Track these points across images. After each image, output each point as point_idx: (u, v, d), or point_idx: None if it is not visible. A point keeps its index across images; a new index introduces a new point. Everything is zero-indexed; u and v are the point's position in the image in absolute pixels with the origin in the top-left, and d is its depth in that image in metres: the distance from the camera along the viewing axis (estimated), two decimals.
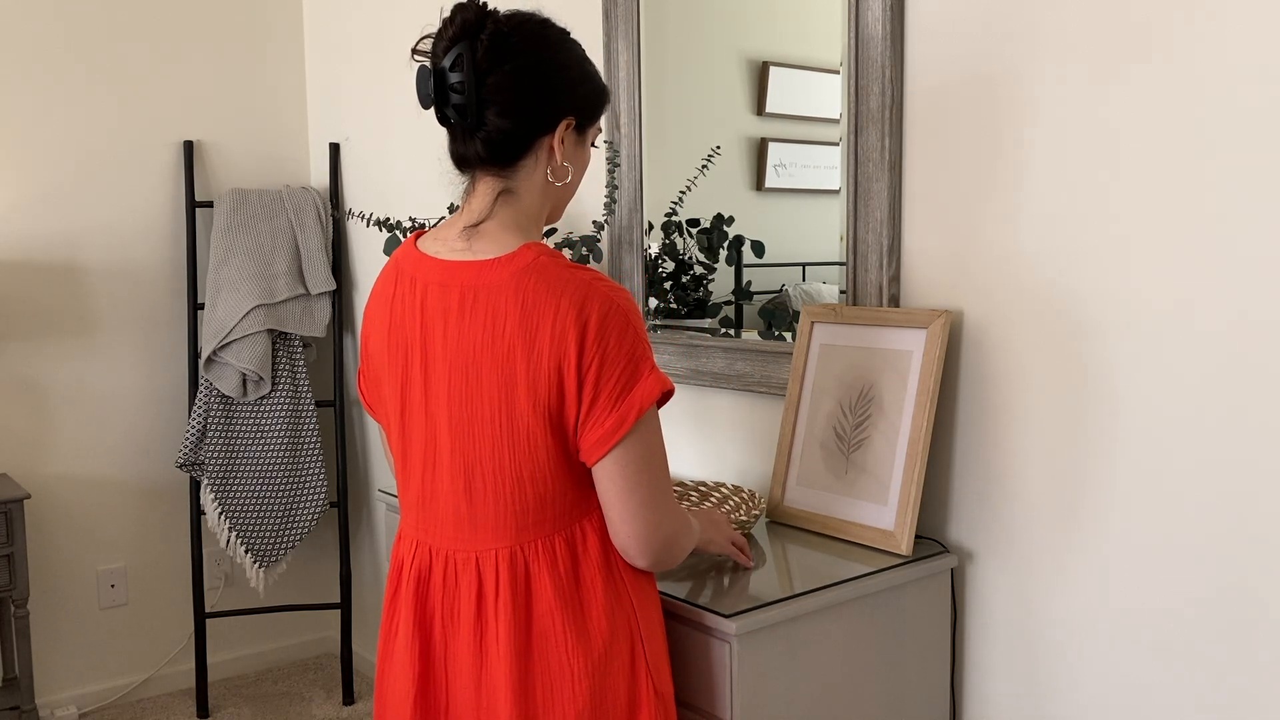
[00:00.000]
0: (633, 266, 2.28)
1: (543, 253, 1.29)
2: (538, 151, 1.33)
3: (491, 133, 1.30)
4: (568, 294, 1.24)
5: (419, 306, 1.33)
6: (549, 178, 1.35)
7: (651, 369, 1.27)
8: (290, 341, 3.26)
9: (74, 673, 3.24)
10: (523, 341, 1.25)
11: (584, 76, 1.36)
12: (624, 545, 1.31)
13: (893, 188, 1.75)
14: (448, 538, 1.36)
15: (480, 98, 1.28)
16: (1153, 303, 1.47)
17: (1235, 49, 1.36)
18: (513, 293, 1.26)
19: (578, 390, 1.25)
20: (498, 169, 1.33)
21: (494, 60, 1.28)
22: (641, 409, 1.25)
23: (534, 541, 1.32)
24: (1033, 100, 1.58)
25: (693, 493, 1.99)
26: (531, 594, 1.32)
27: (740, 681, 1.43)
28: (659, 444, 1.30)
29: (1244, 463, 1.39)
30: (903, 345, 1.72)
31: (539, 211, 1.37)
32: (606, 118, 2.29)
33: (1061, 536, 1.60)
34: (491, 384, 1.28)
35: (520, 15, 1.32)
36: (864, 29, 1.75)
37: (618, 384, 1.25)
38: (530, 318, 1.25)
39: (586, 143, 1.40)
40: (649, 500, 1.29)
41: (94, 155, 3.19)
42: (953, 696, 1.76)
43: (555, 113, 1.32)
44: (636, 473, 1.28)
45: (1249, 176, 1.36)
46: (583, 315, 1.24)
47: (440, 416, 1.33)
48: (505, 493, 1.31)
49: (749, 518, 1.77)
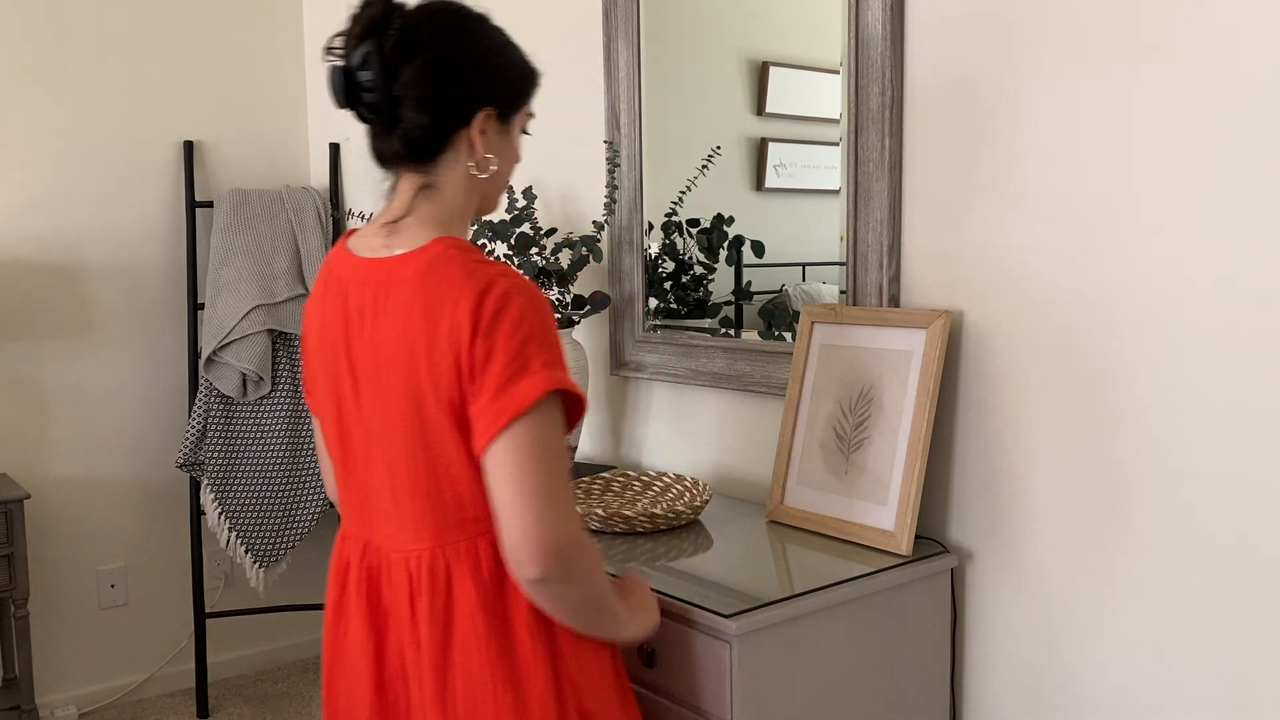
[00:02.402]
0: (633, 266, 2.28)
1: (453, 245, 1.25)
2: (458, 145, 1.29)
3: (408, 129, 1.27)
4: (469, 285, 1.21)
5: (342, 306, 1.31)
6: (472, 171, 1.31)
7: (545, 366, 1.20)
8: (290, 341, 3.26)
9: (74, 673, 3.24)
10: (426, 335, 1.22)
11: (503, 64, 1.32)
12: (513, 548, 1.20)
13: (893, 188, 1.75)
14: (387, 536, 1.33)
15: (392, 95, 1.25)
16: (1153, 303, 1.47)
17: (1242, 49, 1.36)
18: (419, 286, 1.23)
19: (471, 381, 1.20)
20: (417, 165, 1.30)
21: (403, 55, 1.24)
22: (522, 404, 1.18)
23: (455, 543, 1.28)
24: (1033, 100, 1.58)
25: (635, 481, 2.04)
26: (452, 598, 1.28)
27: (740, 681, 1.43)
28: (554, 443, 1.21)
29: (1244, 462, 1.39)
30: (903, 345, 1.71)
31: (463, 205, 1.33)
32: (607, 118, 2.29)
33: (1061, 536, 1.60)
34: (402, 380, 1.24)
35: (432, 5, 1.29)
36: (864, 29, 1.75)
37: (503, 374, 1.19)
38: (432, 310, 1.21)
39: (514, 130, 1.35)
40: (539, 493, 1.19)
41: (94, 155, 3.19)
42: (953, 696, 1.76)
43: (471, 104, 1.28)
44: (523, 464, 1.19)
45: (1254, 175, 1.36)
46: (479, 304, 1.19)
47: (369, 416, 1.30)
48: (423, 492, 1.27)
49: (688, 509, 1.82)
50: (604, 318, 2.37)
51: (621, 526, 1.80)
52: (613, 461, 2.41)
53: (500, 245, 2.46)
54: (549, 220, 2.51)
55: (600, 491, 2.03)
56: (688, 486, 1.99)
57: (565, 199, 2.48)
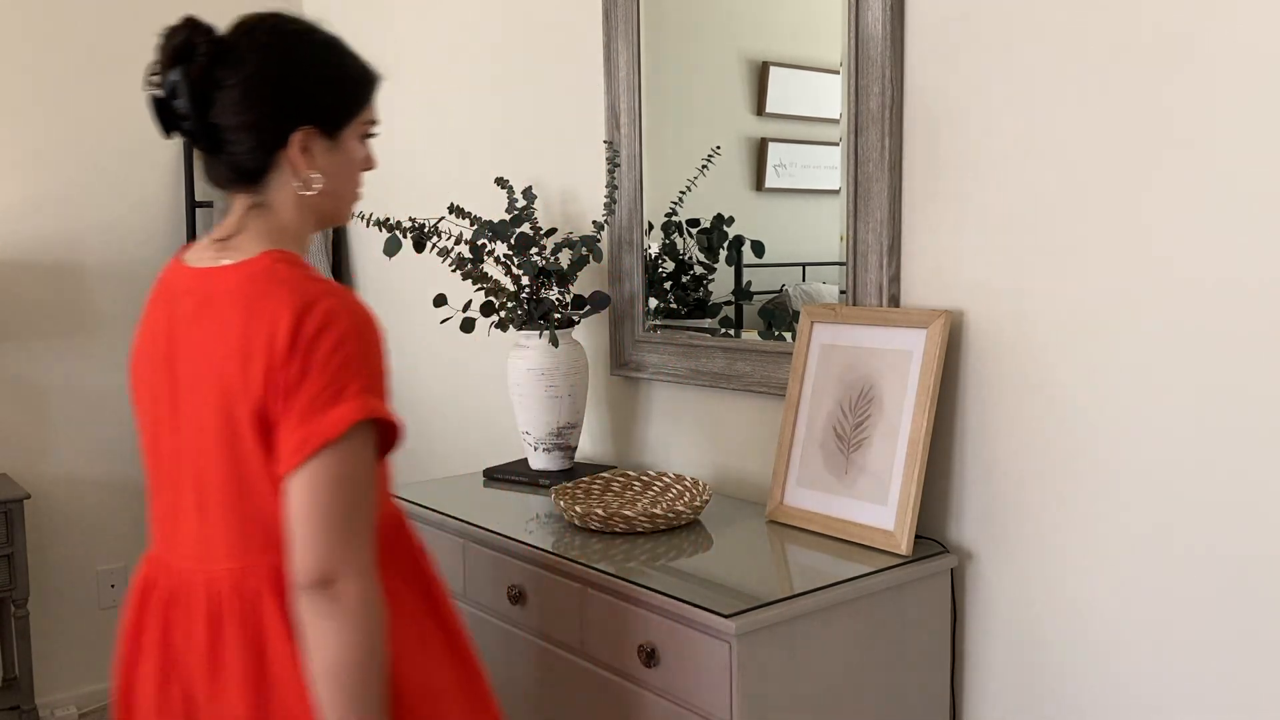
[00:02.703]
0: (633, 266, 2.28)
1: (281, 259, 1.22)
2: (282, 165, 1.26)
3: (232, 156, 1.24)
4: (292, 300, 1.17)
5: (168, 316, 1.28)
6: (299, 190, 1.27)
7: (360, 393, 1.16)
8: None
9: (74, 673, 3.24)
10: (241, 348, 1.18)
11: (321, 79, 1.27)
12: (292, 573, 1.17)
13: (893, 188, 1.75)
14: (189, 558, 1.27)
15: (207, 124, 1.22)
16: (1153, 303, 1.47)
17: (1248, 49, 1.36)
18: (239, 298, 1.20)
19: (282, 400, 1.16)
20: (247, 187, 1.27)
21: (211, 82, 1.21)
22: (328, 434, 1.14)
23: (262, 564, 1.22)
24: (1033, 100, 1.58)
25: (635, 481, 2.05)
26: (262, 621, 1.22)
27: (740, 681, 1.43)
28: (356, 476, 1.17)
29: (1243, 461, 1.39)
30: (903, 345, 1.71)
31: (297, 222, 1.29)
32: (607, 118, 2.29)
33: (1061, 536, 1.60)
34: (216, 393, 1.20)
35: (248, 22, 1.25)
36: (864, 29, 1.75)
37: (315, 400, 1.15)
38: (250, 323, 1.18)
39: (347, 142, 1.31)
40: (329, 527, 1.15)
41: (94, 155, 3.19)
42: (953, 696, 1.76)
43: (285, 126, 1.24)
44: (319, 496, 1.15)
45: (1259, 173, 1.36)
46: (299, 321, 1.16)
47: (182, 428, 1.25)
48: (232, 510, 1.22)
49: (688, 509, 1.82)
50: (604, 318, 2.37)
51: (621, 526, 1.80)
52: (613, 461, 2.41)
53: (500, 245, 2.46)
54: (549, 220, 2.51)
55: (600, 491, 2.03)
56: (688, 486, 1.99)
57: (565, 199, 2.48)
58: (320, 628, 1.16)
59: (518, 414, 2.24)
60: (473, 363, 2.84)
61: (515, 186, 2.60)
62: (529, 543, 1.79)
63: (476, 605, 1.94)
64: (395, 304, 3.15)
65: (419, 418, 3.09)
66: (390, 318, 3.18)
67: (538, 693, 1.80)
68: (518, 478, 2.22)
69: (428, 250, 2.28)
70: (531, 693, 1.82)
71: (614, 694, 1.63)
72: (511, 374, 2.23)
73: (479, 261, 2.20)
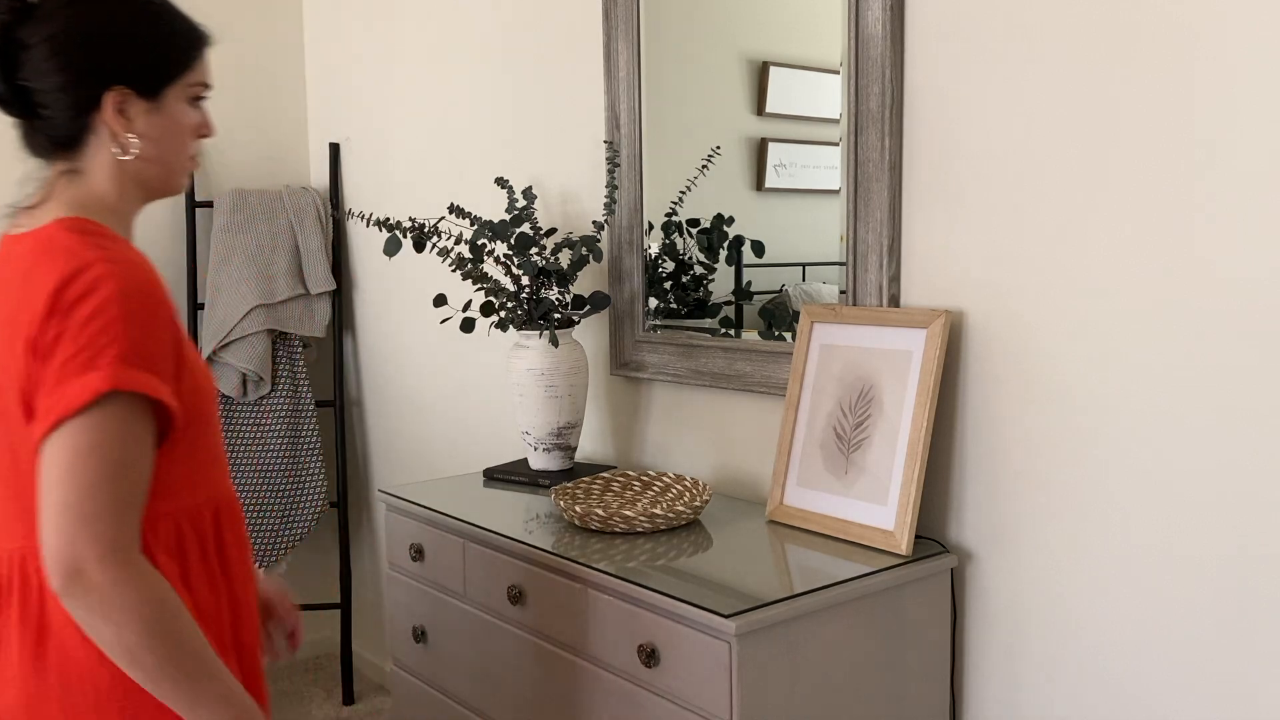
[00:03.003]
0: (633, 267, 2.28)
1: (72, 227, 1.16)
2: (99, 129, 1.20)
3: (46, 122, 1.19)
4: (63, 264, 1.11)
5: None
6: (117, 155, 1.20)
7: (114, 362, 1.07)
8: (290, 342, 3.26)
9: None
10: (10, 319, 1.12)
11: (134, 36, 1.20)
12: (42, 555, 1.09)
13: (893, 188, 1.75)
14: None
15: (15, 87, 1.17)
16: (1154, 303, 1.47)
17: (1252, 48, 1.36)
18: (19, 269, 1.15)
19: (40, 367, 1.09)
20: (64, 154, 1.21)
21: (15, 43, 1.16)
22: (73, 403, 1.06)
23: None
24: (1034, 99, 1.58)
25: (635, 481, 2.04)
26: (45, 603, 1.15)
27: (740, 681, 1.43)
28: (107, 452, 1.08)
29: (1242, 463, 1.39)
30: (903, 345, 1.72)
31: (115, 192, 1.23)
32: (607, 118, 2.29)
33: (1062, 536, 1.60)
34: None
35: None
36: (864, 29, 1.75)
37: (67, 366, 1.07)
38: (25, 289, 1.12)
39: (172, 105, 1.24)
40: (71, 504, 1.06)
41: None
42: (953, 696, 1.76)
43: (96, 87, 1.18)
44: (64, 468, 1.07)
45: (1259, 173, 1.36)
46: (64, 285, 1.09)
47: None
48: (10, 485, 1.16)
49: (688, 509, 1.82)
50: (604, 318, 2.37)
51: (621, 526, 1.80)
52: (613, 461, 2.41)
53: (500, 245, 2.46)
54: (549, 220, 2.51)
55: (600, 491, 2.03)
56: (688, 486, 1.99)
57: (565, 199, 2.48)
58: (87, 623, 1.09)
59: (518, 414, 2.24)
60: (473, 363, 2.85)
61: (515, 186, 2.60)
62: (529, 543, 1.79)
63: (476, 605, 1.94)
64: (395, 304, 3.15)
65: (419, 418, 3.09)
66: (390, 318, 3.18)
67: (538, 693, 1.80)
68: (518, 478, 2.22)
69: (428, 250, 2.28)
70: (531, 693, 1.82)
71: (614, 694, 1.63)
72: (511, 374, 2.23)
73: (479, 261, 2.21)
